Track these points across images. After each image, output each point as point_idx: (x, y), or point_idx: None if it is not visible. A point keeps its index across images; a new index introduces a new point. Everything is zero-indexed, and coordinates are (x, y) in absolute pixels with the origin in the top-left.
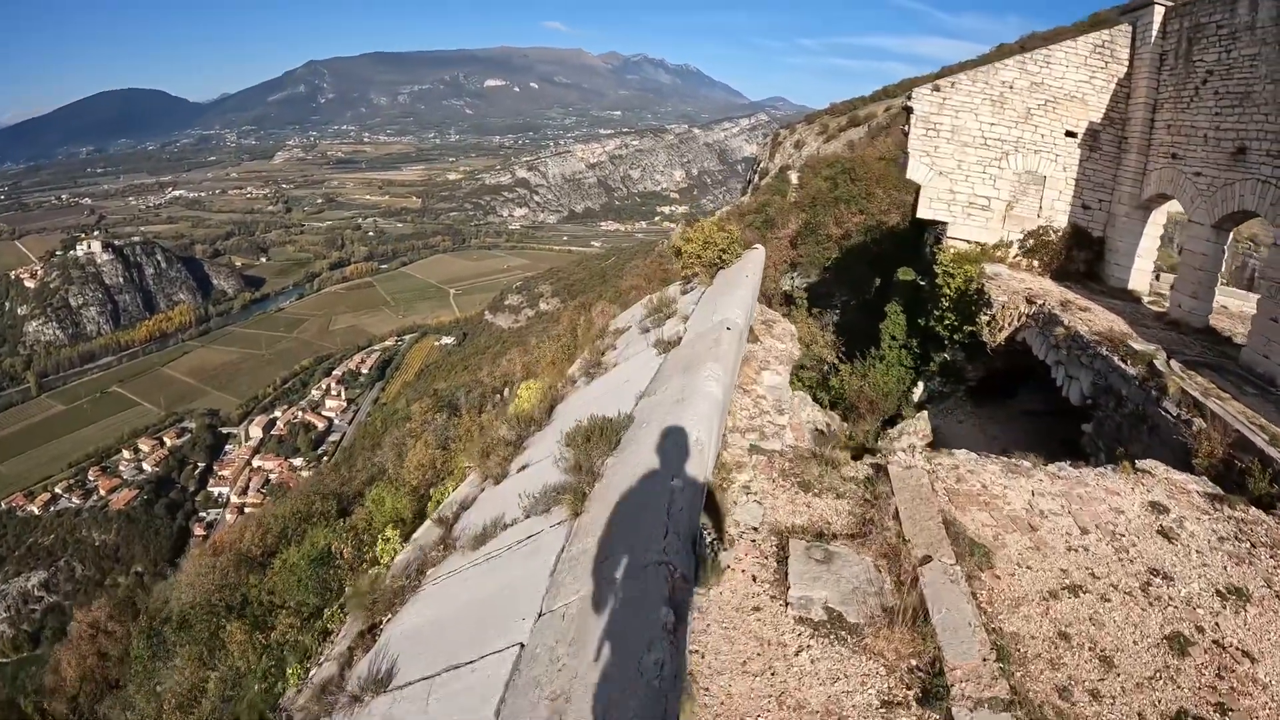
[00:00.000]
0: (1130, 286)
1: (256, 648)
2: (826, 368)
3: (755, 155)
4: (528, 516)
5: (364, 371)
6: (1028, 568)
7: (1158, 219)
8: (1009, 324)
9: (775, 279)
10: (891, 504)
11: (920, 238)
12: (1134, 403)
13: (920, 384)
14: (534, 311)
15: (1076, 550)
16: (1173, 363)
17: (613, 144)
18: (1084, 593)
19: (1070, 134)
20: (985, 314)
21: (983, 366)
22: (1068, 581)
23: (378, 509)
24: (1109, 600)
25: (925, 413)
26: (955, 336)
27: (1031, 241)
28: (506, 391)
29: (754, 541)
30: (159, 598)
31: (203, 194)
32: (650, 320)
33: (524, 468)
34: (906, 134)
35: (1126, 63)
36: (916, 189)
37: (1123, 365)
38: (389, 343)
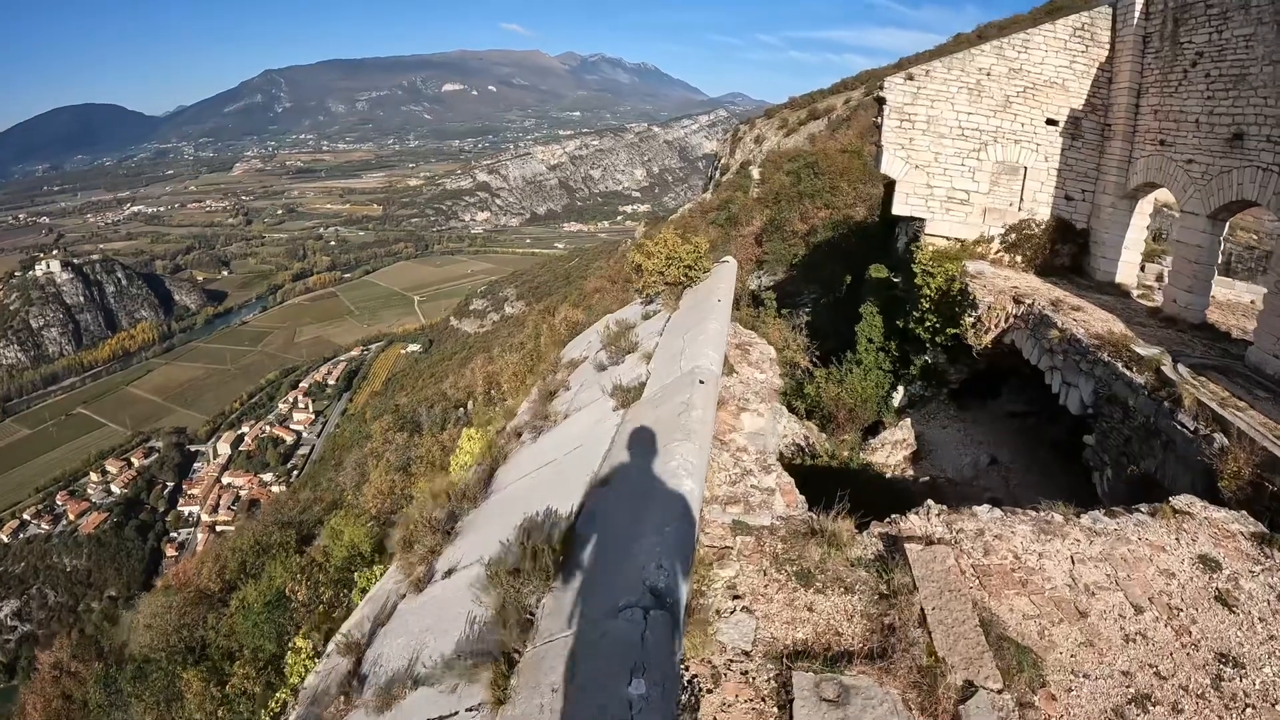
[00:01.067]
0: (1118, 280)
1: (213, 699)
2: (800, 373)
3: (716, 152)
4: (440, 682)
5: (331, 383)
6: (1085, 675)
7: (1144, 209)
8: (995, 325)
9: (742, 279)
10: (915, 602)
11: (890, 232)
12: (1144, 415)
13: (900, 388)
14: (499, 315)
15: (1134, 640)
16: (1180, 367)
17: (573, 145)
18: (1153, 704)
19: (1051, 122)
20: (970, 315)
21: (966, 368)
22: (1133, 690)
23: (335, 542)
24: (1181, 711)
25: (908, 420)
26: (938, 339)
27: (1013, 236)
28: (470, 405)
29: (746, 674)
30: (118, 638)
31: (161, 209)
32: (607, 353)
33: (450, 571)
34: (879, 126)
35: (1108, 46)
36: (887, 183)
37: (1128, 373)
38: (355, 353)
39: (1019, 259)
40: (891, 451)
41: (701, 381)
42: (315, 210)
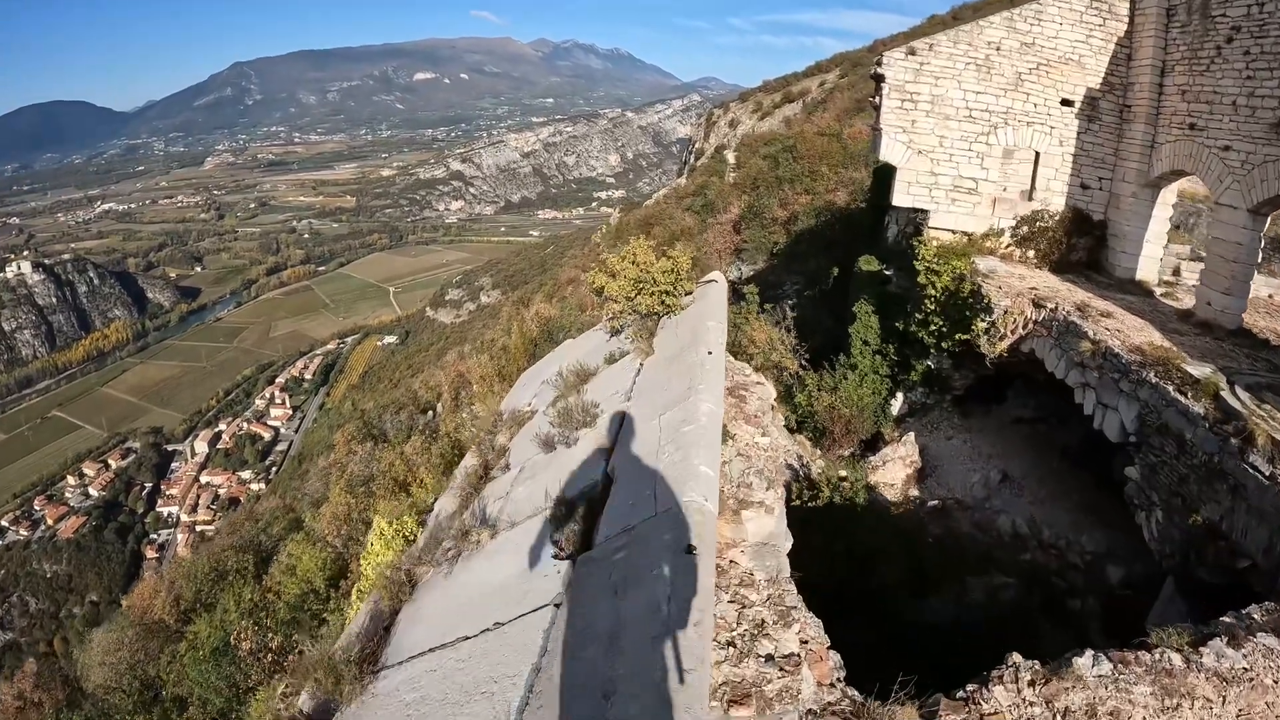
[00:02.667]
0: (1139, 277)
1: None
2: (788, 377)
3: (690, 136)
4: None
5: (308, 377)
6: None
7: (1167, 199)
8: (1012, 332)
9: (721, 270)
10: None
11: (879, 220)
12: (1205, 452)
13: (899, 395)
14: (475, 305)
15: None
16: (1239, 391)
17: (546, 131)
18: None
19: (1066, 102)
20: (983, 320)
21: (972, 374)
22: None
23: (288, 579)
24: None
25: (911, 434)
26: (944, 345)
27: (1025, 229)
28: (440, 407)
29: None
30: (82, 665)
31: (133, 205)
32: (557, 421)
33: None
34: (877, 107)
35: (1127, 19)
36: (876, 167)
37: (1181, 399)
38: (331, 346)
39: (1031, 254)
40: (894, 470)
41: (691, 548)
42: (288, 203)
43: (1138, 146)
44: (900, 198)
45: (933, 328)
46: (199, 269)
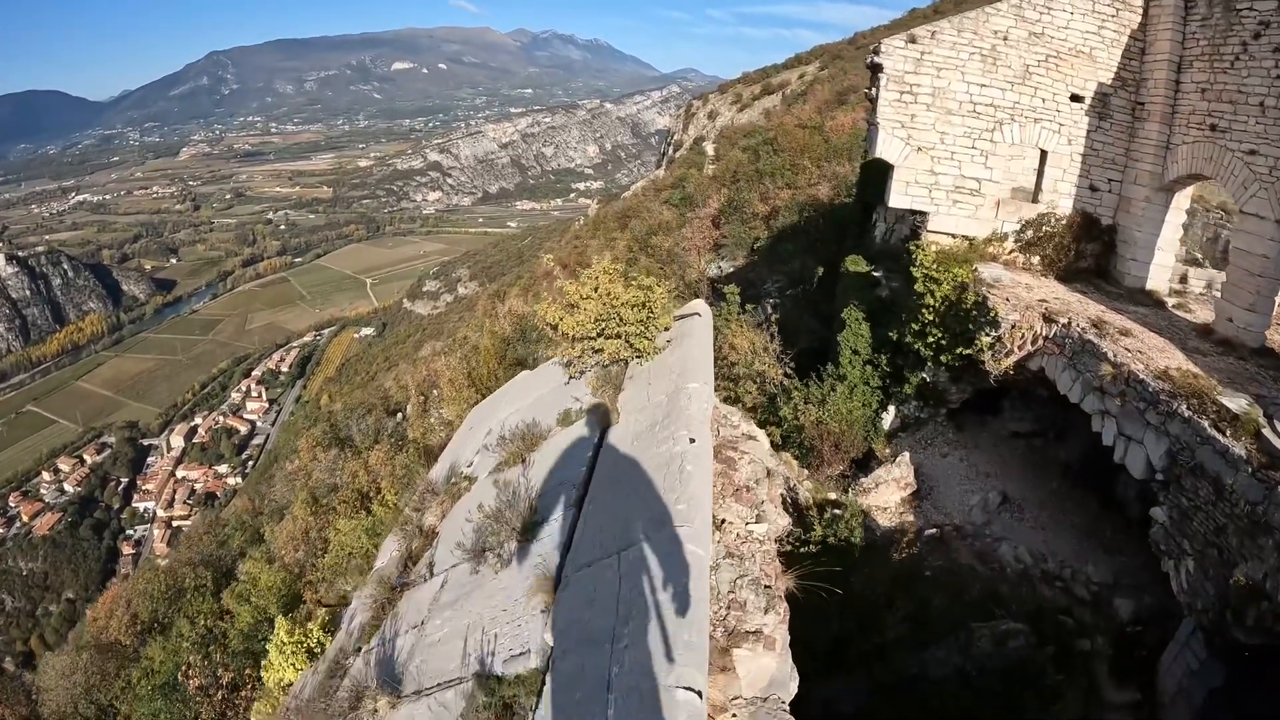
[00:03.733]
0: (1149, 286)
1: None
2: (773, 386)
3: (669, 128)
4: None
5: (284, 370)
6: None
7: (1181, 203)
8: (1020, 348)
9: (700, 269)
10: None
11: (866, 217)
12: (1247, 501)
13: (891, 408)
14: (453, 297)
15: None
16: (1279, 426)
17: (524, 122)
18: None
19: (1076, 98)
20: (987, 334)
21: (970, 387)
22: None
23: (241, 606)
24: None
25: (906, 454)
26: (943, 359)
27: (1031, 233)
28: (409, 408)
29: None
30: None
31: (108, 197)
32: (485, 518)
33: None
34: (872, 99)
35: (1141, 10)
36: (865, 162)
37: (1219, 437)
38: (308, 338)
39: (1036, 260)
40: (888, 492)
41: None
42: (264, 194)
43: (1152, 147)
44: (897, 198)
45: (930, 339)
46: (174, 261)
